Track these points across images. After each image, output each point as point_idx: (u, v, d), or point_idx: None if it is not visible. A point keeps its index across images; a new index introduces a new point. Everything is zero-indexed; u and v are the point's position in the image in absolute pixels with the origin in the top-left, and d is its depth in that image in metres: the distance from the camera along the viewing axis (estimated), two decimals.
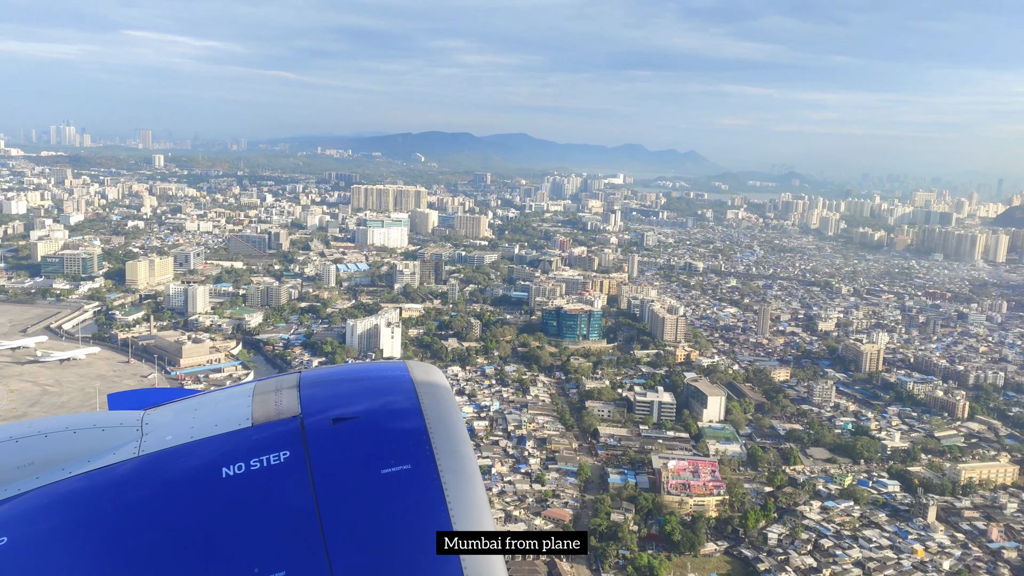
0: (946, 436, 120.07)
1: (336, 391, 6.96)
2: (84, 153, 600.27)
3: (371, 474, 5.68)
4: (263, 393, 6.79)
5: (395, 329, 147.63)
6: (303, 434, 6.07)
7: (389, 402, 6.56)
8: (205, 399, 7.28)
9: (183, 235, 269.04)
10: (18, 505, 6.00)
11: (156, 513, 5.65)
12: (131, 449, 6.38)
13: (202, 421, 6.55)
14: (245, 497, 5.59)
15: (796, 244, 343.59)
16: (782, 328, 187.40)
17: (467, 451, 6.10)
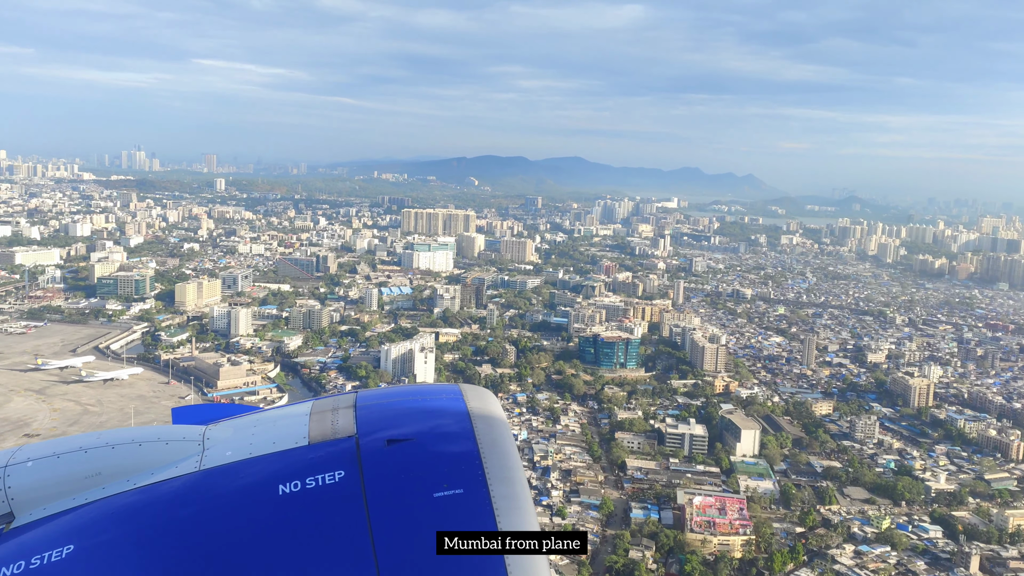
0: (997, 479, 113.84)
1: (391, 412, 7.05)
2: (151, 177, 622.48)
3: (424, 497, 5.72)
4: (320, 412, 6.93)
5: (428, 354, 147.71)
6: (358, 454, 6.17)
7: (443, 425, 6.60)
8: (264, 416, 7.50)
9: (235, 257, 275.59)
10: (85, 514, 6.22)
11: (215, 527, 5.81)
12: (193, 463, 6.58)
13: (261, 438, 6.72)
14: (300, 515, 5.68)
15: (851, 271, 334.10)
16: (829, 359, 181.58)
17: (519, 477, 6.08)
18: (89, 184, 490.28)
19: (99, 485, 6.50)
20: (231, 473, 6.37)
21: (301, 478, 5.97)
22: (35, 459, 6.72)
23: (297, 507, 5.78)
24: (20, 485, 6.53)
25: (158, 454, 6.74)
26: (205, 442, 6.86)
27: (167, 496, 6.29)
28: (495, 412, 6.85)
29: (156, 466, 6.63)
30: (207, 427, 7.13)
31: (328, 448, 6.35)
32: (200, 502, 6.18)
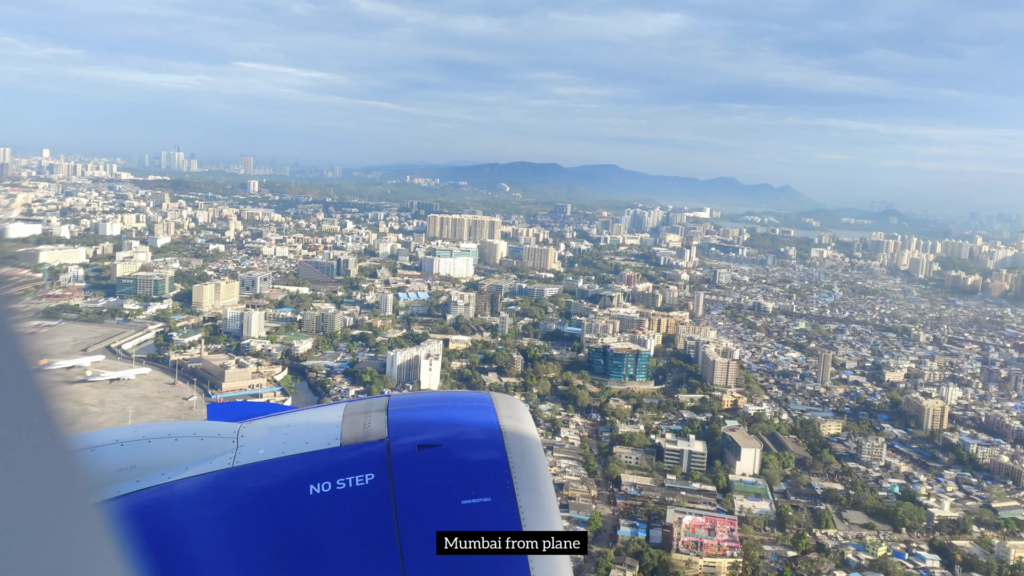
0: (1005, 507, 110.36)
1: (422, 418, 7.15)
2: (188, 178, 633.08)
3: (452, 504, 5.82)
4: (352, 415, 7.05)
5: (433, 361, 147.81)
6: (388, 458, 6.25)
7: (473, 433, 6.71)
8: (298, 416, 7.65)
9: (259, 259, 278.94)
10: (119, 506, 6.27)
11: (245, 524, 5.91)
12: (226, 460, 6.69)
13: (294, 438, 6.82)
14: (329, 516, 5.77)
15: (880, 286, 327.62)
16: (845, 376, 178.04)
17: (547, 488, 6.15)
18: (125, 184, 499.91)
19: (134, 478, 6.60)
20: (263, 471, 6.48)
21: (332, 479, 6.07)
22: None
23: (327, 507, 5.86)
24: None
25: (193, 450, 6.84)
26: (239, 439, 6.98)
27: (200, 491, 6.41)
28: (525, 422, 6.94)
29: (190, 461, 6.73)
30: (241, 424, 7.26)
31: (359, 450, 6.46)
32: (232, 498, 6.32)
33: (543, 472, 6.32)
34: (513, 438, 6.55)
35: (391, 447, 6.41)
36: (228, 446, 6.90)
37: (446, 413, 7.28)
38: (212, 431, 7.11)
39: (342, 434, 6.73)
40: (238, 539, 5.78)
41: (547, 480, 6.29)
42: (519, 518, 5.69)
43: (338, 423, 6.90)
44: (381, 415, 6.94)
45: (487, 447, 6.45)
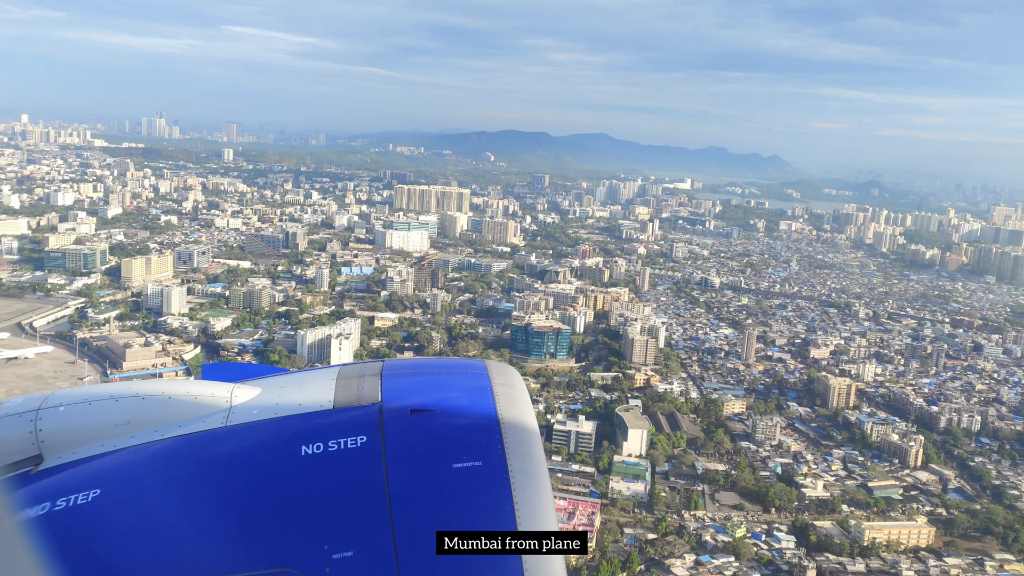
0: (882, 486, 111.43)
1: (416, 382, 7.25)
2: (165, 145, 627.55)
3: (443, 467, 5.87)
4: (346, 378, 7.16)
5: (344, 341, 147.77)
6: (381, 421, 6.34)
7: (466, 398, 6.77)
8: (291, 378, 7.75)
9: (209, 232, 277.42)
10: (113, 460, 6.44)
11: (237, 482, 6.02)
12: (219, 419, 6.80)
13: (287, 399, 6.92)
14: (321, 476, 5.84)
15: (840, 260, 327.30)
16: (771, 353, 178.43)
17: (538, 454, 6.22)
18: (95, 151, 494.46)
19: (128, 434, 6.70)
20: (256, 431, 6.57)
21: (324, 440, 6.13)
22: (67, 404, 6.90)
23: (318, 468, 5.93)
24: (51, 429, 6.69)
25: (186, 408, 6.91)
26: (233, 399, 7.05)
27: (193, 448, 6.48)
28: (518, 389, 7.04)
29: (184, 419, 6.81)
30: (235, 385, 7.33)
31: (352, 413, 6.54)
32: (224, 456, 6.40)
33: (535, 438, 6.40)
34: (506, 404, 6.62)
35: (384, 411, 6.49)
36: (221, 405, 6.98)
37: (440, 379, 7.41)
38: (206, 391, 7.16)
39: (335, 397, 6.83)
40: (230, 497, 5.86)
41: (538, 446, 6.36)
42: (509, 482, 5.75)
43: (331, 386, 7.00)
44: (375, 379, 7.03)
45: (479, 413, 6.51)
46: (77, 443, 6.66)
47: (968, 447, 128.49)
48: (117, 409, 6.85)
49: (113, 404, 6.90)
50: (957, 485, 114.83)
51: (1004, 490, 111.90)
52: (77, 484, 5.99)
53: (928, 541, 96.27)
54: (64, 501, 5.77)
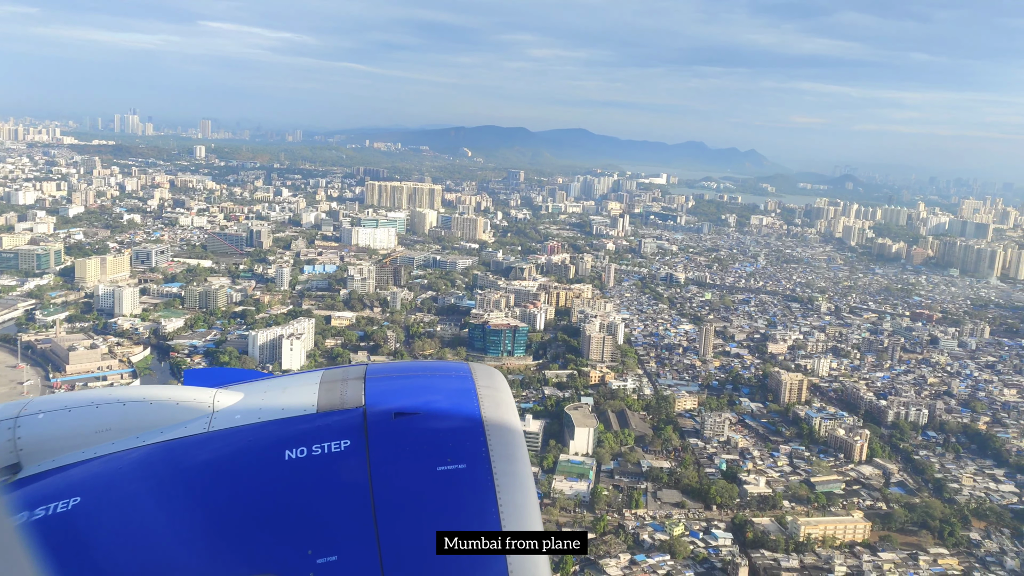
0: (824, 481, 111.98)
1: (400, 386, 7.25)
2: (137, 142, 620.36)
3: (427, 470, 5.91)
4: (330, 382, 7.12)
5: (295, 341, 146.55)
6: (365, 425, 6.34)
7: (450, 401, 6.76)
8: (274, 383, 7.66)
9: (173, 230, 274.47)
10: (94, 467, 6.38)
11: (220, 488, 5.98)
12: (202, 424, 6.75)
13: (270, 404, 6.89)
14: (305, 481, 5.86)
15: (807, 255, 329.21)
16: (729, 349, 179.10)
17: (522, 456, 6.25)
18: (63, 149, 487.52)
19: (109, 440, 6.64)
20: (239, 436, 6.53)
21: (308, 445, 6.12)
22: (47, 411, 6.83)
23: (302, 472, 5.91)
24: (30, 437, 6.62)
25: (168, 414, 6.86)
26: (215, 404, 7.00)
27: (175, 455, 6.44)
28: (502, 392, 7.05)
29: (165, 425, 6.76)
30: (218, 390, 7.26)
31: (336, 417, 6.52)
32: (207, 462, 6.34)
33: (519, 440, 6.41)
34: (490, 407, 6.63)
35: (368, 414, 6.48)
36: (204, 411, 6.93)
37: (424, 382, 7.40)
38: (188, 396, 7.09)
39: (318, 401, 6.81)
40: (213, 503, 5.78)
41: (523, 448, 6.36)
42: (494, 484, 5.75)
43: (315, 390, 6.97)
44: (358, 383, 7.01)
45: (464, 415, 6.50)
46: (57, 451, 6.60)
47: (915, 440, 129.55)
48: (98, 416, 6.79)
49: (94, 411, 6.83)
50: (900, 479, 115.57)
51: (945, 484, 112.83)
52: (57, 492, 5.92)
53: (864, 536, 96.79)
54: (44, 510, 5.69)
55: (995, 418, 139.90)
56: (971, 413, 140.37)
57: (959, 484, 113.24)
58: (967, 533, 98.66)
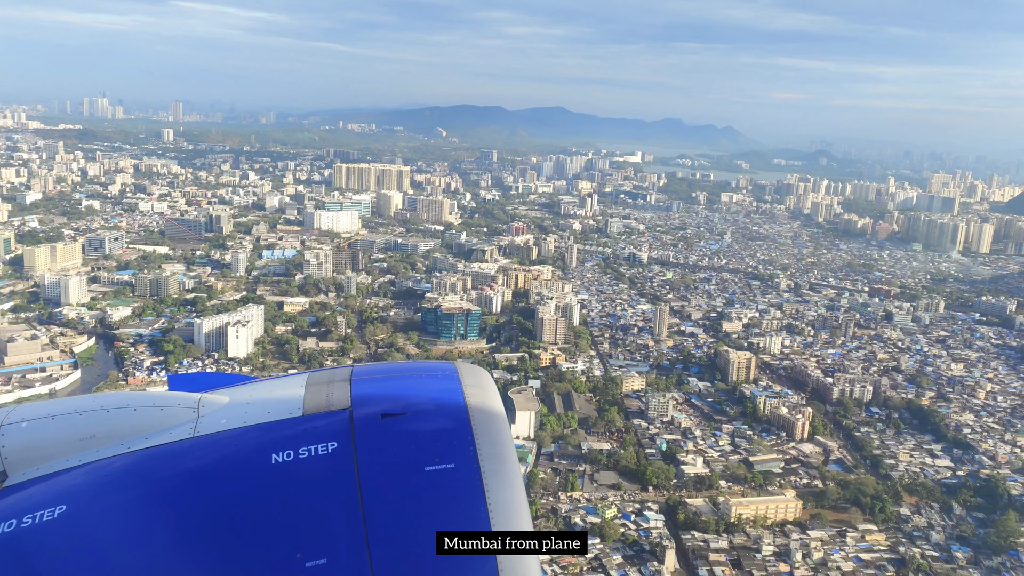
0: (763, 461, 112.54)
1: (386, 387, 7.22)
2: (106, 126, 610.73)
3: (415, 470, 5.90)
4: (315, 384, 7.09)
5: (240, 329, 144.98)
6: (351, 427, 6.32)
7: (437, 401, 6.76)
8: (260, 386, 7.60)
9: (132, 216, 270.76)
10: (78, 476, 6.34)
11: (207, 493, 5.96)
12: (187, 430, 6.71)
13: (256, 407, 6.86)
14: (292, 484, 5.85)
15: (774, 231, 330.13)
16: (685, 328, 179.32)
17: (510, 454, 6.25)
18: (27, 134, 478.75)
19: (93, 448, 6.60)
20: (224, 440, 6.50)
21: (294, 448, 6.10)
22: (30, 420, 6.76)
23: (289, 476, 5.89)
24: (14, 445, 6.57)
25: (153, 419, 6.80)
26: (200, 409, 6.94)
27: (160, 461, 6.39)
28: (489, 390, 6.99)
29: (150, 431, 6.71)
30: (202, 395, 7.21)
31: (322, 420, 6.49)
32: (193, 468, 6.31)
33: (507, 439, 6.38)
34: (477, 406, 6.59)
35: (354, 416, 6.44)
36: (189, 416, 6.87)
37: (410, 383, 7.31)
38: (172, 401, 7.04)
39: (304, 404, 6.75)
40: (199, 508, 5.74)
41: (510, 447, 6.34)
42: (482, 484, 5.73)
43: (300, 393, 6.91)
44: (344, 385, 6.97)
45: (451, 415, 6.47)
46: (42, 459, 6.55)
47: (858, 417, 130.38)
48: (82, 423, 6.75)
49: (77, 418, 6.80)
50: (839, 456, 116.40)
51: (882, 460, 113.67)
52: (43, 501, 5.87)
53: (795, 515, 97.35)
54: (30, 518, 5.65)
55: (940, 393, 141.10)
56: (916, 388, 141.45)
57: (896, 460, 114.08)
58: (898, 509, 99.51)
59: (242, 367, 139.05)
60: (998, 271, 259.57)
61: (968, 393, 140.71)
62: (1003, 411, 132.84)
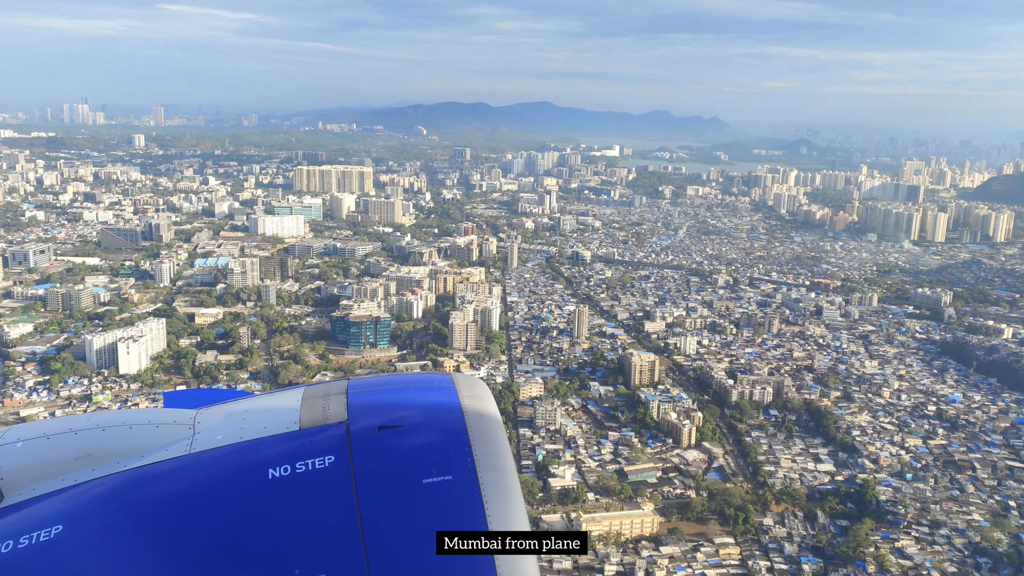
0: (639, 470, 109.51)
1: (383, 399, 7.20)
2: (82, 133, 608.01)
3: (413, 483, 5.89)
4: (311, 398, 7.07)
5: (131, 344, 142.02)
6: (349, 440, 6.30)
7: (434, 413, 6.74)
8: (255, 401, 7.61)
9: (77, 226, 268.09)
10: (75, 495, 6.29)
11: (204, 510, 5.90)
12: (183, 446, 6.67)
13: (251, 423, 6.81)
14: (290, 499, 5.81)
15: (732, 225, 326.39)
16: (607, 329, 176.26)
17: (508, 466, 6.26)
18: None
19: (89, 467, 6.53)
20: (221, 457, 6.45)
21: (291, 463, 6.05)
22: (25, 440, 6.72)
23: (286, 491, 5.85)
24: (9, 466, 6.51)
25: (148, 437, 6.76)
26: (196, 426, 6.92)
27: (157, 479, 6.35)
28: (486, 402, 6.97)
29: (146, 449, 6.66)
30: (198, 411, 7.19)
31: (319, 434, 6.45)
32: (190, 485, 6.25)
33: (504, 450, 6.37)
34: (474, 417, 6.55)
35: (351, 429, 6.40)
36: (185, 433, 6.82)
37: (406, 395, 7.30)
38: (168, 418, 6.99)
39: (301, 418, 6.70)
40: (196, 526, 5.69)
41: (508, 458, 6.31)
42: (481, 495, 5.70)
43: (296, 407, 6.85)
44: (340, 398, 6.92)
45: (448, 427, 6.42)
46: (38, 479, 6.45)
47: (755, 420, 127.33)
48: (77, 442, 6.67)
49: (72, 437, 6.71)
50: (721, 464, 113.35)
51: (761, 467, 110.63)
52: (39, 521, 5.83)
53: (652, 529, 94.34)
54: (27, 539, 5.61)
55: (846, 392, 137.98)
56: (821, 388, 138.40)
57: (777, 467, 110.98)
58: (762, 519, 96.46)
59: (131, 384, 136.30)
60: (947, 260, 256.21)
61: (874, 392, 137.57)
62: (903, 410, 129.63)
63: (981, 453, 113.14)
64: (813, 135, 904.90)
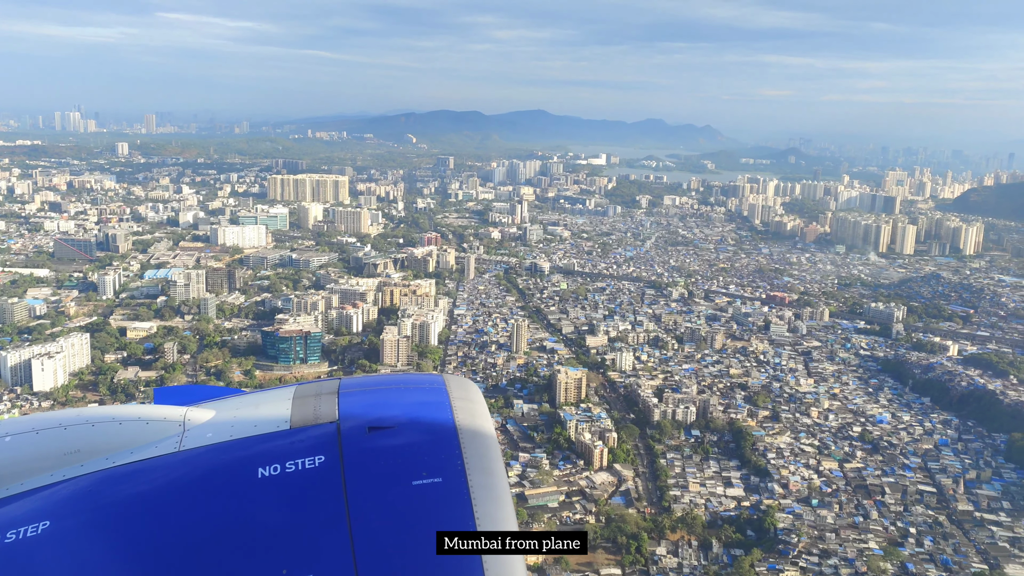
0: (541, 494, 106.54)
1: (373, 400, 7.17)
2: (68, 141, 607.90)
3: (402, 485, 5.85)
4: (303, 397, 7.03)
5: (45, 361, 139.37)
6: (339, 440, 6.28)
7: (424, 414, 6.70)
8: (246, 400, 7.49)
9: (35, 236, 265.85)
10: (63, 491, 6.24)
11: (193, 508, 5.86)
12: (173, 444, 6.63)
13: (242, 421, 6.78)
14: (279, 498, 5.77)
15: (702, 235, 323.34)
16: (547, 344, 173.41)
17: (498, 468, 6.23)
18: None
19: (78, 462, 6.48)
20: (211, 455, 6.41)
21: (281, 462, 5.99)
22: (13, 434, 6.63)
23: (276, 490, 5.83)
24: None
25: (138, 434, 6.70)
26: (186, 423, 6.86)
27: (145, 476, 6.28)
28: (477, 403, 6.98)
29: (136, 446, 6.59)
30: (188, 408, 7.09)
31: (309, 433, 6.42)
32: (179, 482, 6.20)
33: (494, 452, 6.33)
34: (465, 419, 6.52)
35: (341, 429, 6.36)
36: (175, 430, 6.73)
37: (398, 395, 7.28)
38: (158, 415, 6.89)
39: (291, 417, 6.65)
40: (185, 524, 5.62)
41: (498, 460, 6.27)
42: (470, 497, 5.68)
43: (287, 406, 6.81)
44: (331, 398, 6.87)
45: (438, 428, 6.38)
46: (26, 473, 6.35)
47: (676, 441, 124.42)
48: (66, 438, 6.59)
49: (62, 433, 6.65)
50: (629, 487, 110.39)
51: (666, 490, 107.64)
52: (27, 516, 5.81)
53: (536, 560, 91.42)
54: (14, 534, 5.61)
55: (774, 412, 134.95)
56: (749, 408, 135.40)
57: (684, 491, 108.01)
58: (655, 548, 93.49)
59: (43, 402, 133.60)
60: (911, 274, 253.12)
61: (802, 412, 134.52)
62: (827, 431, 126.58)
63: (895, 477, 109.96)
64: (805, 144, 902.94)
